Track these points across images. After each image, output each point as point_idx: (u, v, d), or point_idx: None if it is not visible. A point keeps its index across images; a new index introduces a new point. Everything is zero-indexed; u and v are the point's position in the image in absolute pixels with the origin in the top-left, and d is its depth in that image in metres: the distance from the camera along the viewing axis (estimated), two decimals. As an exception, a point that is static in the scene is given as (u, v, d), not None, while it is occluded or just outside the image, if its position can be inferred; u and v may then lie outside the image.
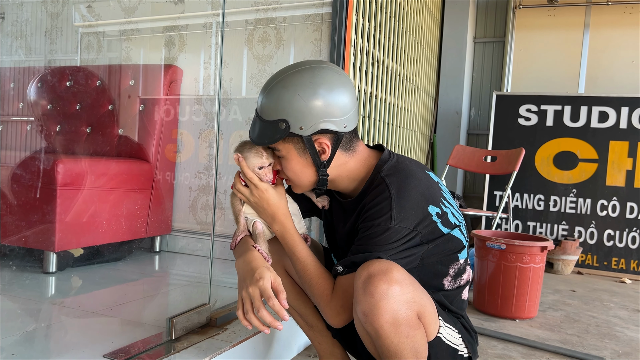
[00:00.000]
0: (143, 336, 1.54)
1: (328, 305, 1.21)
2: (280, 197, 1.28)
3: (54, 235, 2.16)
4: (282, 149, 1.20)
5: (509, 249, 2.41)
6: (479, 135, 4.67)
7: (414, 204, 1.15)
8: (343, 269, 1.18)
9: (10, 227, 2.18)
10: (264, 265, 1.17)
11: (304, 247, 1.27)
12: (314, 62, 1.20)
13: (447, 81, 4.56)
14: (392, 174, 1.19)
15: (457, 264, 1.26)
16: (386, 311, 1.05)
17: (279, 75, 1.19)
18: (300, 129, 1.15)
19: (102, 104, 2.84)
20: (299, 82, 1.15)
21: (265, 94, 1.19)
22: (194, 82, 2.92)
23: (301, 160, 1.20)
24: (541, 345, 2.06)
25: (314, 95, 1.14)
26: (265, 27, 2.72)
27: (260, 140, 1.20)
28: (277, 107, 1.16)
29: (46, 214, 2.15)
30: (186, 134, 2.90)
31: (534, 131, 3.92)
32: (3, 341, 1.52)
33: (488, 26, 4.70)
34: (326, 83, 1.16)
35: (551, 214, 3.84)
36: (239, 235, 1.30)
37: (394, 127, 3.42)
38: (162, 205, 2.77)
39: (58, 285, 2.20)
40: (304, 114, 1.14)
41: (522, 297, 2.42)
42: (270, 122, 1.17)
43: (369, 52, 2.80)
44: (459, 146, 3.54)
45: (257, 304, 1.11)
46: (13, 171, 2.23)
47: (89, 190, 2.31)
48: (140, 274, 2.51)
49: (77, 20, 3.21)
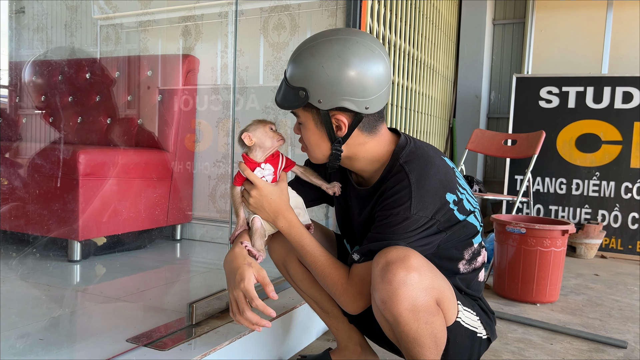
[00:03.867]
0: (164, 321, 1.57)
1: (344, 293, 1.20)
2: (281, 193, 1.27)
3: (78, 225, 2.21)
4: (301, 115, 1.20)
5: (529, 233, 2.38)
6: (499, 119, 4.60)
7: (433, 192, 1.13)
8: (360, 257, 1.18)
9: (34, 216, 2.23)
10: (245, 263, 1.16)
11: (311, 239, 1.26)
12: (352, 33, 1.14)
13: (466, 65, 4.50)
14: (411, 160, 1.17)
15: (472, 248, 1.25)
16: (405, 298, 1.05)
17: (313, 40, 1.15)
18: (318, 102, 1.13)
19: (121, 95, 2.87)
20: (327, 53, 1.11)
21: (294, 57, 1.16)
22: (210, 72, 2.93)
23: (317, 132, 1.19)
24: (562, 329, 2.04)
25: (338, 70, 1.10)
26: (280, 14, 2.72)
27: (281, 103, 1.19)
28: (301, 74, 1.13)
29: (69, 204, 2.20)
30: (204, 123, 2.92)
31: (556, 113, 3.84)
32: (31, 326, 1.57)
33: (507, 7, 4.61)
34: (355, 59, 1.10)
35: (573, 198, 3.78)
36: (237, 230, 1.30)
37: (413, 113, 3.39)
38: (181, 194, 2.81)
39: (82, 272, 2.26)
40: (324, 87, 1.11)
41: (543, 281, 2.39)
42: (293, 87, 1.15)
43: (385, 37, 2.78)
44: (478, 130, 3.50)
45: (242, 306, 1.13)
46: (35, 162, 2.28)
47: (110, 180, 2.35)
48: (162, 262, 2.55)
49: (95, 13, 3.24)
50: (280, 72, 2.71)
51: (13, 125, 3.05)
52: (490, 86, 4.66)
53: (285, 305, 1.74)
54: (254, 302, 1.11)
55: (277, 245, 1.43)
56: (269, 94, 2.72)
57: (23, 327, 1.56)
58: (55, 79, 3.00)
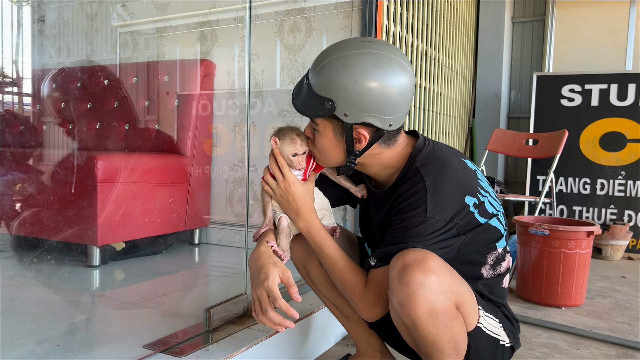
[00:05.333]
0: (182, 327, 1.56)
1: (362, 299, 1.18)
2: (307, 192, 1.25)
3: (96, 230, 2.22)
4: (319, 123, 1.16)
5: (553, 235, 2.32)
6: (520, 119, 4.52)
7: (450, 195, 1.10)
8: (376, 262, 1.15)
9: (53, 222, 2.25)
10: (270, 262, 1.15)
11: (332, 242, 1.24)
12: (384, 47, 1.11)
13: (485, 64, 4.43)
14: (427, 163, 1.14)
15: (495, 252, 1.21)
16: (423, 301, 1.02)
17: (342, 49, 1.11)
18: (344, 115, 1.10)
19: (139, 100, 2.89)
20: (361, 67, 1.07)
21: (322, 64, 1.11)
22: (227, 76, 2.93)
23: (334, 142, 1.16)
24: (589, 333, 1.98)
25: (370, 87, 1.07)
26: (295, 17, 2.70)
27: (302, 108, 1.15)
28: (330, 84, 1.09)
29: (88, 210, 2.21)
30: (221, 128, 2.92)
31: (578, 112, 3.76)
32: (49, 332, 1.57)
33: (527, 5, 4.53)
34: (388, 77, 1.08)
35: (598, 198, 3.69)
36: (262, 229, 1.29)
37: (431, 113, 3.34)
38: (199, 198, 2.81)
39: (101, 278, 2.27)
40: (353, 101, 1.08)
41: (568, 284, 2.33)
42: (317, 95, 1.11)
43: (402, 37, 2.74)
44: (499, 130, 3.44)
45: (265, 306, 1.11)
46: (55, 169, 2.30)
47: (127, 186, 2.36)
48: (180, 266, 2.55)
49: (115, 21, 3.27)
50: (295, 75, 2.70)
51: (34, 132, 3.10)
52: (510, 85, 4.59)
53: (304, 310, 1.72)
54: (277, 302, 1.10)
55: (299, 246, 1.41)
56: (286, 97, 2.71)
57: (41, 334, 1.56)
58: (74, 85, 3.03)
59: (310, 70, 1.15)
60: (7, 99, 3.05)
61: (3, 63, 3.06)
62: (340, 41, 1.15)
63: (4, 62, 3.09)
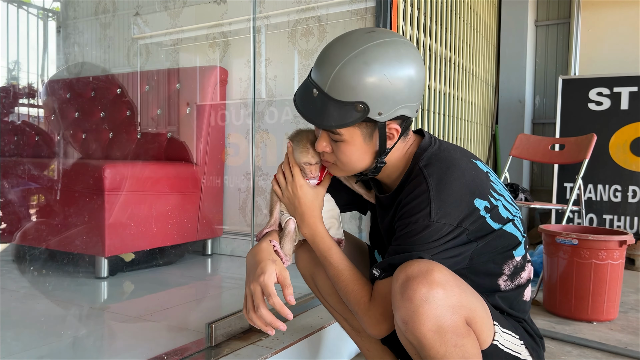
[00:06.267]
0: (183, 342, 1.48)
1: (366, 313, 1.08)
2: (315, 198, 1.17)
3: (104, 241, 2.16)
4: (345, 132, 1.03)
5: (582, 245, 2.18)
6: (545, 125, 4.36)
7: (457, 197, 1.01)
8: (380, 273, 1.06)
9: (61, 233, 2.20)
10: (269, 258, 1.07)
11: (337, 251, 1.16)
12: (389, 34, 1.02)
13: (507, 69, 4.30)
14: (432, 163, 1.05)
15: (513, 261, 1.10)
16: (428, 318, 0.92)
17: (351, 44, 1.00)
18: (378, 115, 1.00)
19: (151, 108, 2.85)
20: (385, 59, 0.98)
21: (338, 66, 0.98)
22: (239, 83, 2.88)
23: (364, 147, 1.05)
24: (623, 350, 1.83)
25: (400, 77, 0.99)
26: (309, 21, 2.64)
27: (326, 122, 1.01)
28: (357, 86, 0.98)
29: (94, 219, 2.16)
30: (234, 136, 2.86)
31: (607, 116, 3.59)
32: (50, 346, 1.51)
33: (551, 8, 4.39)
34: (412, 62, 1.01)
35: (630, 206, 3.51)
36: (267, 228, 1.21)
37: (452, 119, 3.23)
38: (211, 208, 2.75)
39: (109, 290, 2.21)
40: (387, 97, 0.99)
41: (599, 297, 2.18)
42: (343, 103, 0.99)
43: (420, 40, 2.65)
44: (523, 135, 3.30)
45: (257, 302, 1.03)
46: (62, 178, 2.26)
47: (137, 195, 2.31)
48: (190, 278, 2.48)
49: (135, 33, 3.26)
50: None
51: (49, 142, 3.09)
52: (535, 90, 4.44)
53: (314, 325, 1.62)
54: (271, 298, 1.02)
55: (305, 255, 1.32)
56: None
57: (39, 348, 1.50)
58: (88, 95, 3.02)
59: (318, 77, 1.02)
60: (27, 110, 3.05)
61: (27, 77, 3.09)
62: (339, 39, 1.04)
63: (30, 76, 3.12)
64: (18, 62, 3.03)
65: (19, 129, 2.95)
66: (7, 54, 2.93)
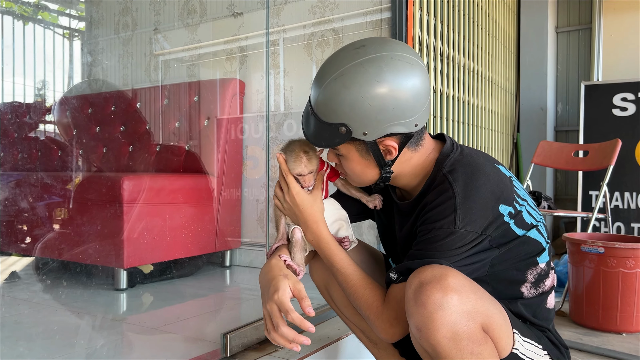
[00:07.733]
0: (199, 353, 1.47)
1: (379, 317, 1.06)
2: (313, 202, 1.15)
3: (122, 252, 2.17)
4: (341, 149, 1.06)
5: (609, 253, 2.11)
6: (568, 132, 4.28)
7: (483, 204, 0.98)
8: (397, 276, 1.03)
9: (80, 244, 2.22)
10: (280, 274, 1.05)
11: (343, 256, 1.13)
12: (380, 47, 0.99)
13: (528, 76, 4.23)
14: (456, 169, 1.03)
15: (537, 268, 1.06)
16: (442, 324, 0.89)
17: (337, 64, 1.00)
18: (363, 135, 1.00)
19: (169, 121, 2.88)
20: (363, 80, 0.96)
21: (321, 88, 1.01)
22: (257, 95, 2.89)
23: (362, 161, 1.06)
24: (655, 363, 1.76)
25: (381, 97, 0.96)
26: (325, 33, 2.65)
27: (316, 141, 1.06)
28: (337, 109, 0.98)
29: (113, 231, 2.17)
30: (251, 147, 2.87)
31: (633, 121, 3.50)
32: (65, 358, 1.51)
33: (571, 14, 4.33)
34: (396, 79, 0.97)
35: (659, 214, 3.40)
36: (276, 244, 1.19)
37: (472, 127, 3.19)
38: (230, 219, 2.75)
39: (128, 301, 2.22)
40: (368, 118, 0.98)
41: (629, 307, 2.10)
42: (327, 124, 1.01)
43: (437, 49, 2.63)
44: (545, 142, 3.23)
45: (276, 320, 1.00)
46: (81, 190, 2.28)
47: (155, 207, 2.32)
48: (209, 290, 2.48)
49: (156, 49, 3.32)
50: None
51: (70, 155, 3.14)
52: (557, 98, 4.36)
53: (330, 336, 1.60)
54: (289, 314, 0.99)
55: (318, 265, 1.30)
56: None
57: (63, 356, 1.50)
58: (109, 109, 3.07)
59: (312, 97, 1.04)
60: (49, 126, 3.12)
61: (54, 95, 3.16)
62: (333, 54, 1.04)
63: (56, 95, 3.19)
64: (45, 80, 3.10)
65: (43, 144, 3.01)
66: (33, 72, 3.01)
